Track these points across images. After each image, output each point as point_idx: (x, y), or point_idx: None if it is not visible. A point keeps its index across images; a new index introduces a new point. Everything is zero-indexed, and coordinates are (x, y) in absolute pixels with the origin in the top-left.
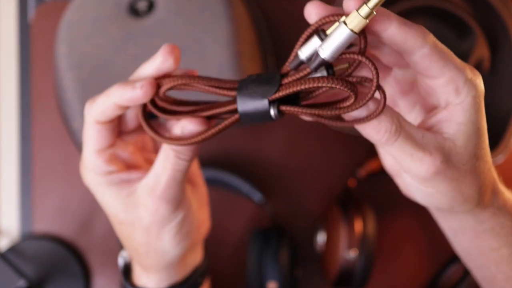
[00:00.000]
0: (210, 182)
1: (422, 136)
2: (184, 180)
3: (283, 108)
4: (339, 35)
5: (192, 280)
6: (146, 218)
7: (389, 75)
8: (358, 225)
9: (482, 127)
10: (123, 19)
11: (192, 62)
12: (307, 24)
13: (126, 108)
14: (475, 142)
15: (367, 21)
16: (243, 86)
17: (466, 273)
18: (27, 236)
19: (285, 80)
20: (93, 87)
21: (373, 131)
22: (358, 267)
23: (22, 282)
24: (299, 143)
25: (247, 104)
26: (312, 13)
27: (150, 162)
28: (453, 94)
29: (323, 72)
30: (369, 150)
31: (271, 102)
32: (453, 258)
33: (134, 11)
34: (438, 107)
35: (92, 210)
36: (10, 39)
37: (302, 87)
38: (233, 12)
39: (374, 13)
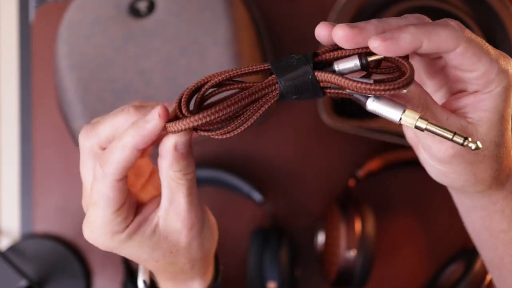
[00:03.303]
0: (210, 182)
1: (447, 118)
2: (196, 189)
3: (319, 74)
4: (390, 111)
5: (218, 273)
6: (184, 239)
7: (420, 57)
8: (357, 225)
9: (507, 115)
10: (124, 19)
11: (192, 62)
12: (306, 24)
13: (144, 149)
14: (497, 129)
15: (413, 128)
16: (275, 63)
17: (465, 272)
18: (28, 236)
19: (330, 93)
20: (94, 87)
21: None
22: (358, 267)
23: (23, 282)
24: (299, 143)
25: (288, 75)
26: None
27: (145, 188)
28: (483, 85)
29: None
30: (369, 150)
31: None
32: (453, 258)
33: (134, 11)
34: (466, 91)
35: None
36: (11, 39)
37: (340, 54)
38: (233, 12)
39: (424, 130)
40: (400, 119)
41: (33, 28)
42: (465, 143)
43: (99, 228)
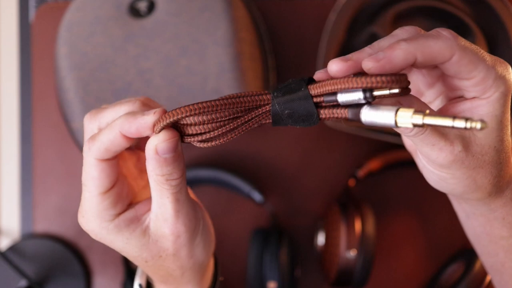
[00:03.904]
0: (210, 182)
1: None
2: (187, 194)
3: (321, 99)
4: (383, 116)
5: (216, 279)
6: (171, 247)
7: (417, 69)
8: (357, 225)
9: (505, 120)
10: (124, 20)
11: (192, 62)
12: (306, 24)
13: (133, 140)
14: (496, 135)
15: (412, 127)
16: (278, 120)
17: (465, 272)
18: (28, 236)
19: (324, 116)
20: (94, 87)
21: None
22: (358, 267)
23: (23, 282)
24: (299, 143)
25: (284, 95)
26: (370, 66)
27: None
28: (481, 91)
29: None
30: (369, 150)
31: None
32: (453, 257)
33: (134, 12)
34: (463, 97)
35: None
36: (11, 39)
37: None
38: (233, 12)
39: (425, 128)
40: (396, 122)
41: (33, 28)
42: (468, 125)
43: (87, 212)
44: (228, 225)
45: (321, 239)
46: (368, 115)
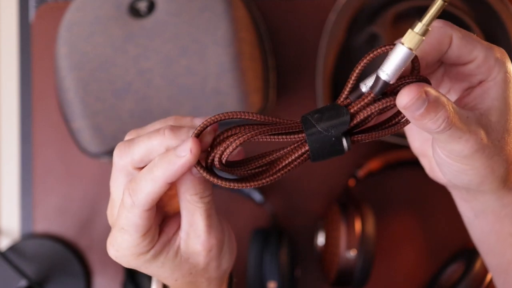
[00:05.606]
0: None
1: (467, 117)
2: (215, 210)
3: (356, 138)
4: (397, 55)
5: (232, 282)
6: (203, 261)
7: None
8: (357, 225)
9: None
10: (124, 20)
11: (192, 62)
12: (306, 25)
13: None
14: (506, 118)
15: (424, 38)
16: (309, 126)
17: (465, 272)
18: (28, 236)
19: (353, 109)
20: (94, 87)
21: (430, 122)
22: (358, 267)
23: (23, 282)
24: None
25: (319, 143)
26: None
27: (173, 198)
28: (486, 73)
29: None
30: (369, 150)
31: (344, 136)
32: (453, 257)
33: (134, 12)
34: (471, 87)
35: (93, 209)
36: (11, 39)
37: (375, 109)
38: (233, 12)
39: (429, 29)
40: (410, 48)
41: (33, 28)
42: None
43: (125, 250)
44: None
45: (321, 239)
46: (386, 70)
